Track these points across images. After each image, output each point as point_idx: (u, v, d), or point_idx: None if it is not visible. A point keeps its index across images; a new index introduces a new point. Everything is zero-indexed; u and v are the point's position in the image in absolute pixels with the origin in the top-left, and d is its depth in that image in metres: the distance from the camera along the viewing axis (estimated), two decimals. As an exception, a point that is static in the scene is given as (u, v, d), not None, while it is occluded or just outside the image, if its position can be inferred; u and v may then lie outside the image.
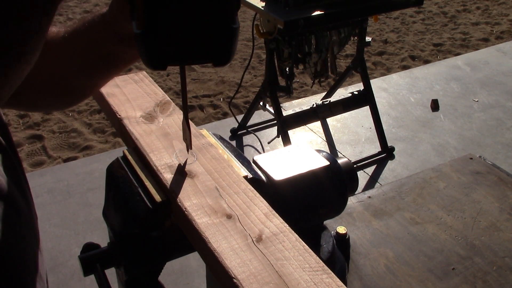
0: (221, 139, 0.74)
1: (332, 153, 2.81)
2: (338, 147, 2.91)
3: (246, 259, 0.50)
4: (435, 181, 1.08)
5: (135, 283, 0.66)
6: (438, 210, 1.00)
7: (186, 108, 0.58)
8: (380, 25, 4.74)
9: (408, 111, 3.27)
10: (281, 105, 2.57)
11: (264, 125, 3.07)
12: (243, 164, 0.68)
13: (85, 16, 0.61)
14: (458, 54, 4.20)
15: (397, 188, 1.07)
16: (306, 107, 2.60)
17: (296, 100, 3.40)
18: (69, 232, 2.21)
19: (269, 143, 2.79)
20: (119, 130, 0.75)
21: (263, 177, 0.68)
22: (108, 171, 0.68)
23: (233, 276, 0.48)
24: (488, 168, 1.12)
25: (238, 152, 0.71)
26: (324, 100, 2.69)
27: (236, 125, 2.93)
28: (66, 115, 3.20)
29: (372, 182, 2.61)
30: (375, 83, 3.46)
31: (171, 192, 0.59)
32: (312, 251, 0.51)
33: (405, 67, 3.98)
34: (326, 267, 0.49)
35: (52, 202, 2.39)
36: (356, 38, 2.64)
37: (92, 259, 0.66)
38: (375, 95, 2.78)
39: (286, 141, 2.50)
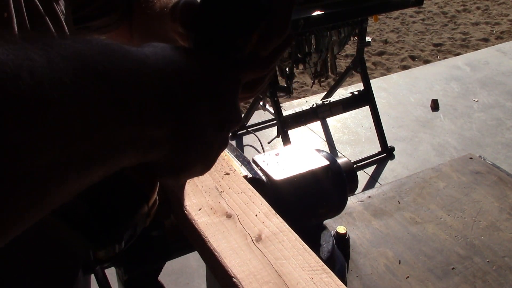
0: (221, 139, 0.74)
1: (332, 153, 2.81)
2: (338, 147, 2.91)
3: (246, 258, 0.50)
4: (435, 181, 1.08)
5: (135, 283, 0.66)
6: (438, 210, 1.00)
7: None
8: (380, 25, 4.74)
9: (408, 111, 3.27)
10: (281, 105, 2.57)
11: (264, 125, 3.07)
12: (243, 164, 0.68)
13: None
14: (458, 54, 4.21)
15: (397, 188, 1.07)
16: (306, 107, 2.60)
17: (296, 100, 3.40)
18: (69, 232, 2.21)
19: (269, 143, 2.79)
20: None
21: (263, 177, 0.68)
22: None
23: (232, 275, 0.48)
24: (488, 168, 1.12)
25: (238, 152, 0.71)
26: (324, 100, 2.69)
27: (236, 125, 2.92)
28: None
29: (372, 182, 2.61)
30: (375, 83, 3.46)
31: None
32: (311, 251, 0.51)
33: (405, 67, 3.98)
34: (325, 267, 0.49)
35: (52, 202, 2.39)
36: (356, 38, 2.64)
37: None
38: (375, 95, 2.78)
39: (286, 141, 2.50)
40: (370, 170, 2.71)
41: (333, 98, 2.73)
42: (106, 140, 0.28)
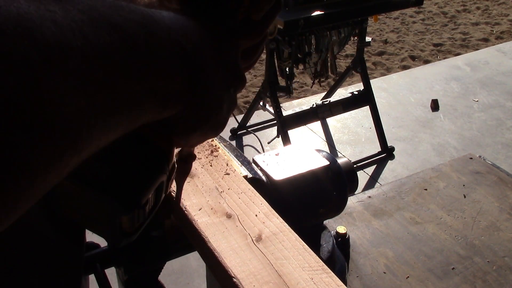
0: (221, 139, 0.74)
1: (332, 153, 2.81)
2: (338, 147, 2.91)
3: (246, 258, 0.50)
4: (435, 181, 1.08)
5: (135, 283, 0.66)
6: (438, 210, 1.00)
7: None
8: (380, 25, 4.74)
9: (408, 111, 3.27)
10: (281, 105, 2.57)
11: (264, 125, 3.07)
12: (243, 164, 0.68)
13: None
14: (458, 54, 4.21)
15: (397, 188, 1.06)
16: (306, 107, 2.60)
17: (296, 100, 3.40)
18: (69, 232, 2.21)
19: (269, 143, 2.79)
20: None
21: (263, 177, 0.68)
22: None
23: (232, 275, 0.48)
24: (488, 168, 1.12)
25: (238, 152, 0.71)
26: (324, 100, 2.69)
27: (236, 125, 2.93)
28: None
29: (372, 182, 2.61)
30: (375, 83, 3.46)
31: (171, 191, 0.59)
32: (311, 251, 0.51)
33: (405, 67, 3.98)
34: (325, 267, 0.49)
35: (52, 202, 2.39)
36: (356, 38, 2.64)
37: (92, 259, 0.66)
38: (375, 95, 2.78)
39: (286, 141, 2.50)
40: (370, 170, 2.71)
41: (333, 98, 2.73)
42: (127, 90, 0.29)
